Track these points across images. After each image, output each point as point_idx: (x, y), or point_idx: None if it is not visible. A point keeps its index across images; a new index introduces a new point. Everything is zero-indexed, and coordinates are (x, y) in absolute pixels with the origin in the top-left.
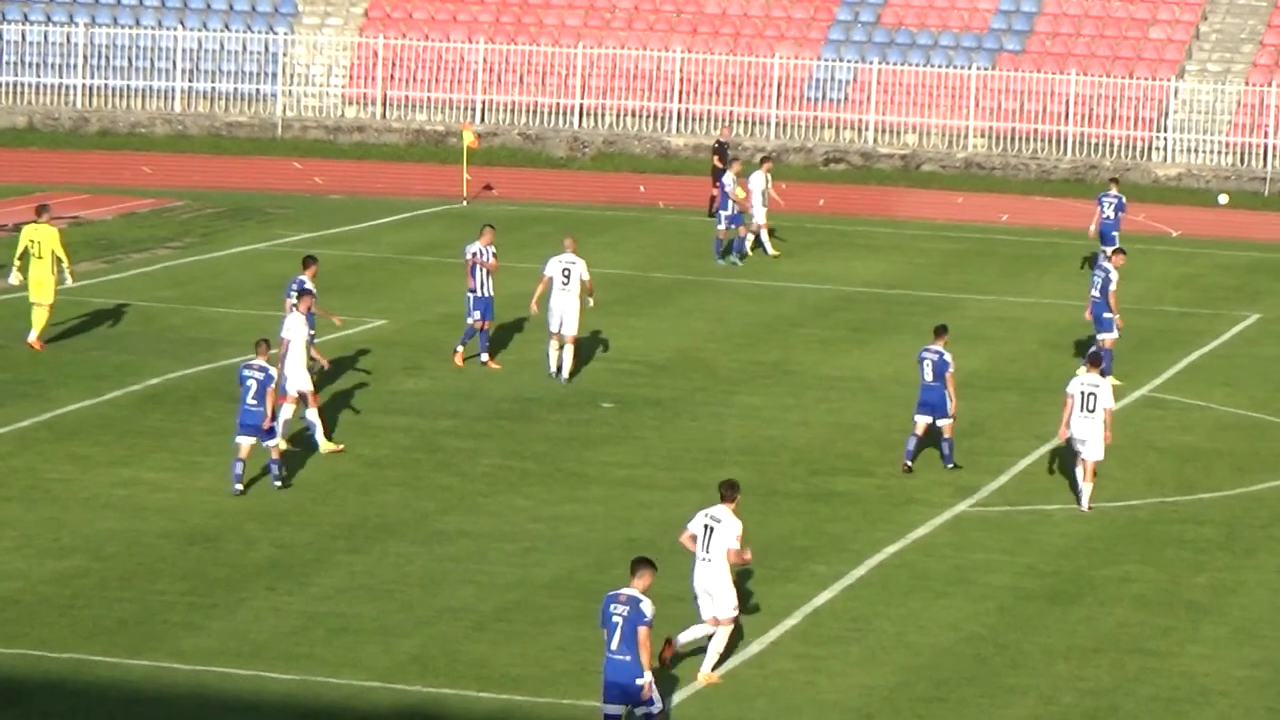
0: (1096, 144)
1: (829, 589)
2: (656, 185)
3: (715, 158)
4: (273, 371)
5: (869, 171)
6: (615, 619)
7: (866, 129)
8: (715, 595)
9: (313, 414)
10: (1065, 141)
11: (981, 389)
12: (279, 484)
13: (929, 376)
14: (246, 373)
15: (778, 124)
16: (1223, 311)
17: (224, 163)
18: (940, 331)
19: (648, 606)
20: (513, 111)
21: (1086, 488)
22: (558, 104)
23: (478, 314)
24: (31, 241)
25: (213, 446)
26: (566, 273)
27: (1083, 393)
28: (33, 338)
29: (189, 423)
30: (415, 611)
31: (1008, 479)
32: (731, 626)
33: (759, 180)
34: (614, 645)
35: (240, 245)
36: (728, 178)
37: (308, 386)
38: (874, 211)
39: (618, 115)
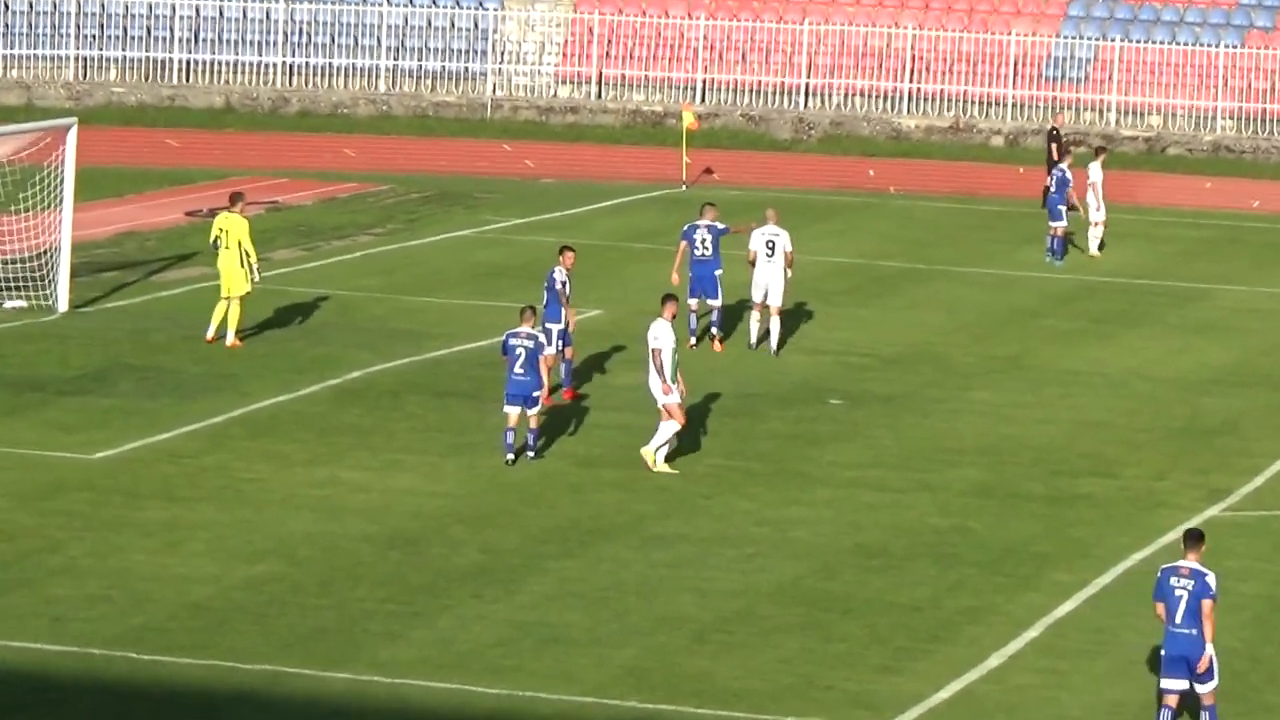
0: None
1: (1072, 598)
2: (886, 169)
3: (1051, 146)
4: (542, 339)
5: (1110, 156)
6: (1179, 592)
7: (1108, 110)
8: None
9: (669, 427)
10: None
11: (1232, 385)
12: (532, 455)
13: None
14: (514, 341)
15: (1014, 105)
16: None
17: (430, 145)
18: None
19: (1212, 579)
20: (734, 91)
21: None
22: (782, 83)
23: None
24: (221, 230)
25: (415, 444)
26: (770, 245)
27: None
28: (230, 339)
29: (390, 419)
30: (630, 621)
31: (1263, 481)
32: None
33: (1096, 172)
34: (1177, 619)
35: (446, 232)
36: (1062, 168)
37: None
38: (1116, 197)
39: (845, 95)
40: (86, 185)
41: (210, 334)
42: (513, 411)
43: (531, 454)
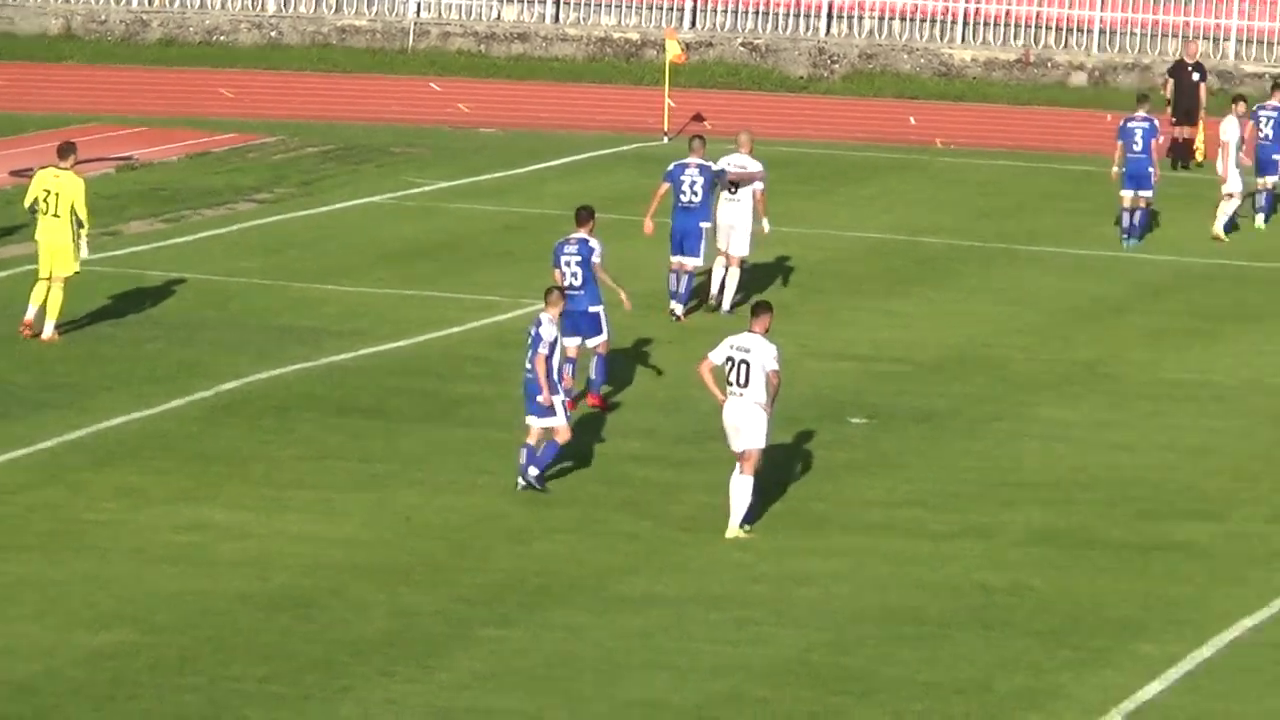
0: None
1: (1160, 678)
2: (932, 116)
3: (1190, 83)
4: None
5: (1228, 97)
6: None
7: (1226, 39)
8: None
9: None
10: None
11: None
12: (534, 480)
13: None
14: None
15: (1102, 32)
16: None
17: (332, 84)
18: None
19: None
20: (734, 13)
21: None
22: (797, 2)
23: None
24: (45, 192)
25: (308, 476)
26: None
27: None
28: (48, 331)
29: (276, 444)
30: (587, 708)
31: None
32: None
33: (1233, 128)
34: None
35: (353, 198)
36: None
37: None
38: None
39: (880, 18)
40: None
41: (29, 318)
42: (533, 424)
43: (534, 470)
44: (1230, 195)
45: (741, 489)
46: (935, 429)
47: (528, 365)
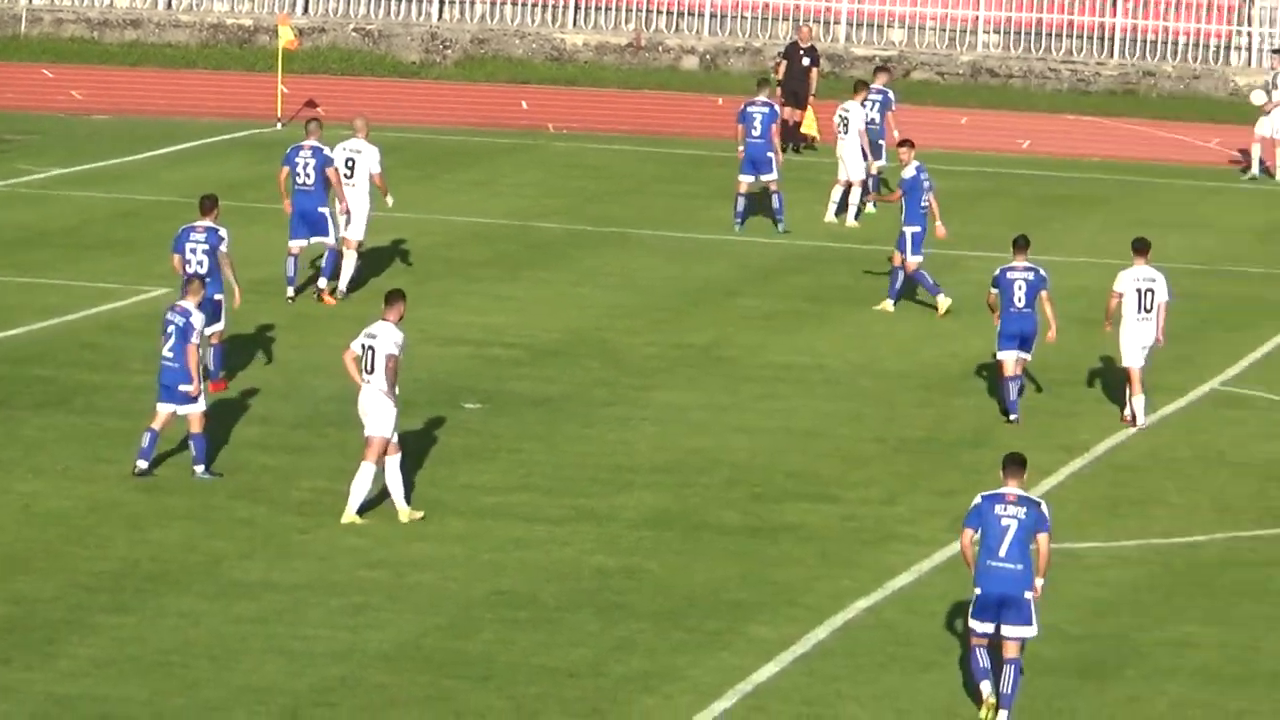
0: (1154, 42)
1: (776, 659)
2: (544, 101)
3: (800, 68)
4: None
5: (840, 81)
6: (1005, 522)
7: (837, 22)
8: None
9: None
10: (1110, 39)
11: (989, 380)
12: (202, 469)
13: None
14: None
15: (714, 16)
16: None
17: None
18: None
19: (1046, 509)
20: None
21: (1140, 401)
22: None
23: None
24: None
25: None
26: (350, 163)
27: (1139, 289)
28: None
29: None
30: (202, 694)
31: None
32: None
33: (857, 114)
34: (1001, 553)
35: None
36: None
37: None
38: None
39: (492, 4)
40: None
41: None
42: (162, 410)
43: (200, 467)
44: (850, 182)
45: (363, 477)
46: (550, 413)
47: (168, 353)
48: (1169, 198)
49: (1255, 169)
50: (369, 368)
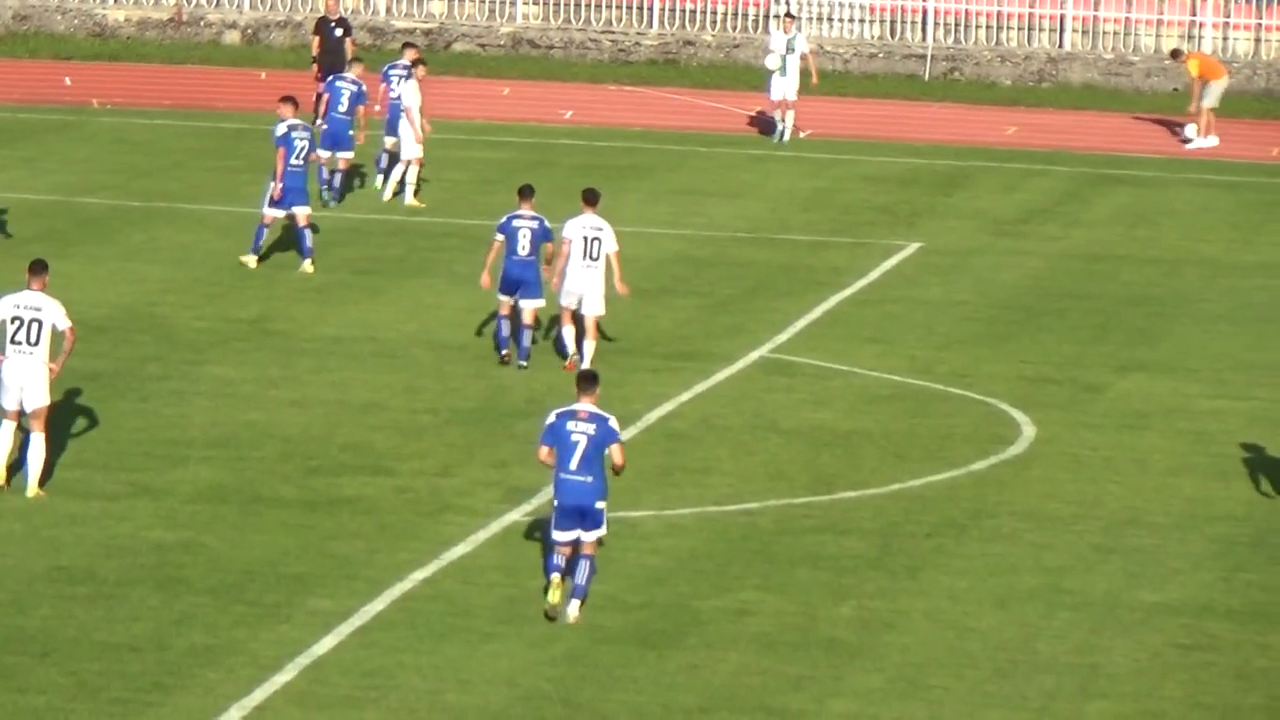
0: (694, 11)
1: (334, 632)
2: (88, 76)
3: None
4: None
5: (381, 53)
6: (575, 438)
7: None
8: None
9: None
10: (649, 9)
11: (542, 353)
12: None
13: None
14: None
15: None
16: (870, 240)
17: None
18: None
19: (615, 423)
20: None
21: (590, 346)
22: None
23: None
24: None
25: None
26: None
27: (585, 237)
28: None
29: None
30: None
31: None
32: None
33: (410, 94)
34: (572, 466)
35: None
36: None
37: None
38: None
39: None
40: None
41: None
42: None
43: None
44: (413, 161)
45: (36, 447)
46: (103, 389)
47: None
48: (712, 165)
49: (782, 134)
50: (32, 339)
